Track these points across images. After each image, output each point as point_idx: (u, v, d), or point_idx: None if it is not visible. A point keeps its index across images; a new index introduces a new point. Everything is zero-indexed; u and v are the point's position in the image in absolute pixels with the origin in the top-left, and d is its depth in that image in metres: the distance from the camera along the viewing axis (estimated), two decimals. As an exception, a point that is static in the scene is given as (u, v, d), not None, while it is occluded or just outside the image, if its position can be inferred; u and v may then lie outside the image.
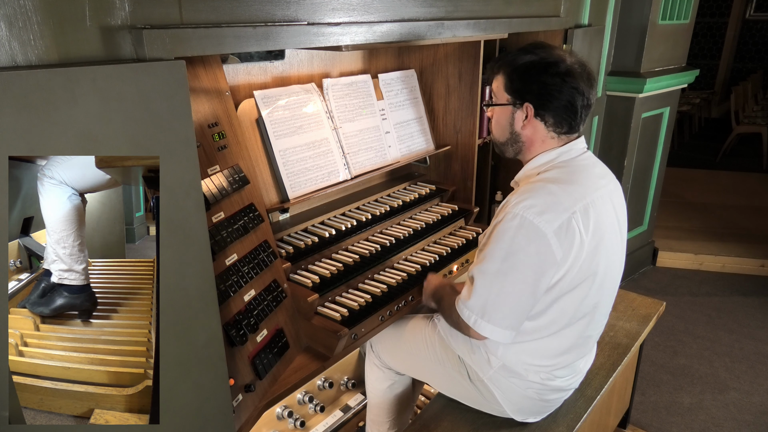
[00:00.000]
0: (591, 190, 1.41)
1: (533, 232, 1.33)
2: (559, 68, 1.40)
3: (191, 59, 1.20)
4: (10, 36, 0.90)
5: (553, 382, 1.58)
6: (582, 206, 1.37)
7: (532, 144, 1.49)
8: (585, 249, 1.38)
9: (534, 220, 1.32)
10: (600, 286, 1.47)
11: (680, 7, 3.43)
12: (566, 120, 1.44)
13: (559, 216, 1.34)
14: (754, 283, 4.01)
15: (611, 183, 1.51)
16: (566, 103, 1.41)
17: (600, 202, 1.42)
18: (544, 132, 1.46)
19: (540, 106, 1.43)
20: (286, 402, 2.04)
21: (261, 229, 1.58)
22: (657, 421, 2.65)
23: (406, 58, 2.43)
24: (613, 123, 3.46)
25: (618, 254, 1.53)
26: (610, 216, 1.46)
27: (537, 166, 1.48)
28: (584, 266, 1.40)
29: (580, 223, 1.36)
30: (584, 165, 1.46)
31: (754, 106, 7.53)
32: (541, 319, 1.47)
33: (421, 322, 1.82)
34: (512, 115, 1.49)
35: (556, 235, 1.33)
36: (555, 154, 1.46)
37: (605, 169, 1.54)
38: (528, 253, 1.34)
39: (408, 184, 2.43)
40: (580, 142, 1.49)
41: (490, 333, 1.42)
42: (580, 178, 1.41)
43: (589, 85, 1.43)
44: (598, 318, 1.54)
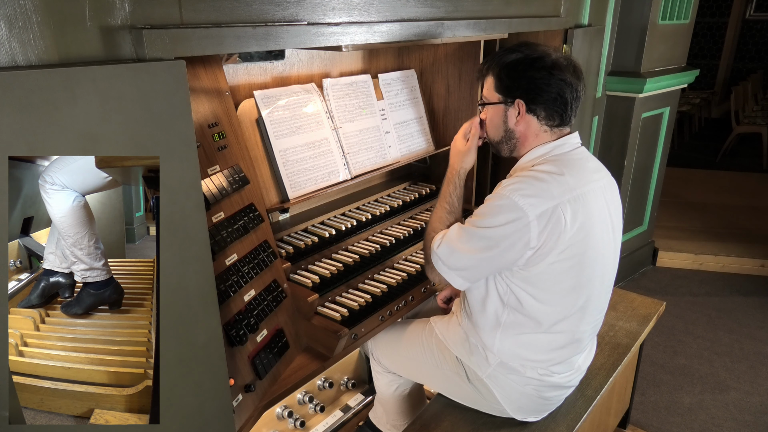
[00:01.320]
0: (583, 182, 1.43)
1: (516, 211, 1.37)
2: (545, 62, 1.45)
3: (191, 59, 1.20)
4: (10, 36, 0.90)
5: (551, 378, 1.58)
6: (571, 197, 1.40)
7: (525, 139, 1.53)
8: (569, 239, 1.40)
9: (519, 201, 1.37)
10: (589, 280, 1.48)
11: (680, 7, 3.43)
12: (557, 112, 1.47)
13: (545, 202, 1.37)
14: (754, 283, 4.01)
15: (605, 178, 1.53)
16: (555, 95, 1.45)
17: (591, 195, 1.44)
18: (537, 126, 1.50)
19: (531, 100, 1.47)
20: (286, 402, 2.04)
21: (261, 229, 1.58)
22: (657, 421, 2.65)
23: (406, 58, 2.43)
24: (613, 123, 3.46)
25: (610, 249, 1.54)
26: (602, 210, 1.48)
27: (531, 159, 1.51)
28: (568, 256, 1.41)
29: (567, 213, 1.38)
30: (578, 159, 1.49)
31: (754, 106, 7.53)
32: (532, 312, 1.49)
33: (418, 326, 1.82)
34: (505, 113, 1.53)
35: (539, 219, 1.36)
36: (549, 148, 1.50)
37: (599, 164, 1.56)
38: (505, 230, 1.39)
39: (408, 184, 2.43)
40: (574, 137, 1.52)
41: (445, 273, 1.52)
42: (572, 170, 1.44)
43: (576, 76, 1.47)
44: (591, 312, 1.55)
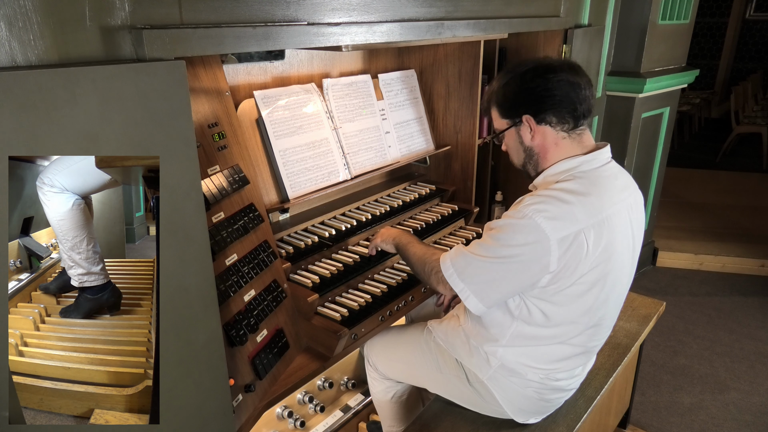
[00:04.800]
0: (608, 204, 1.38)
1: (537, 233, 1.32)
2: (537, 71, 1.42)
3: (191, 59, 1.20)
4: (10, 36, 0.90)
5: (553, 383, 1.58)
6: (596, 221, 1.35)
7: (546, 151, 1.47)
8: (590, 263, 1.36)
9: (541, 223, 1.31)
10: (606, 299, 1.46)
11: (680, 7, 3.43)
12: (567, 112, 1.42)
13: (568, 227, 1.32)
14: (754, 283, 4.01)
15: (632, 196, 1.47)
16: (559, 97, 1.40)
17: (616, 217, 1.39)
18: (554, 134, 1.44)
19: (536, 111, 1.43)
20: (286, 402, 2.04)
21: (261, 229, 1.58)
22: (657, 421, 2.65)
23: (406, 58, 2.43)
24: (613, 123, 3.46)
25: (627, 269, 1.51)
26: (626, 231, 1.44)
27: (557, 173, 1.44)
28: (589, 279, 1.38)
29: (591, 238, 1.34)
30: (605, 176, 1.42)
31: (754, 106, 7.53)
32: (547, 329, 1.47)
33: (415, 331, 1.81)
34: (518, 134, 1.49)
35: (559, 244, 1.31)
36: (577, 162, 1.43)
37: (628, 179, 1.50)
38: (523, 250, 1.34)
39: (408, 184, 2.43)
40: (605, 152, 1.46)
41: (461, 290, 1.43)
42: (599, 190, 1.38)
43: (575, 73, 1.42)
44: (604, 329, 1.55)
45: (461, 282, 1.43)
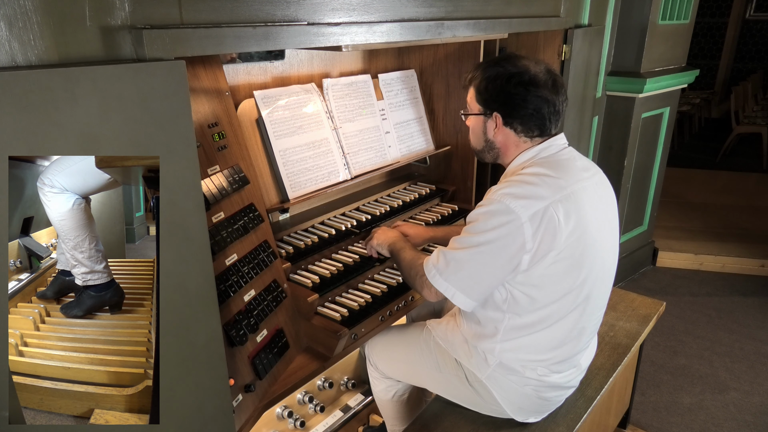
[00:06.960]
0: (573, 181, 1.45)
1: (507, 214, 1.38)
2: (523, 78, 1.47)
3: (191, 59, 1.20)
4: (10, 36, 0.90)
5: (550, 378, 1.58)
6: (562, 196, 1.41)
7: (507, 149, 1.57)
8: (565, 238, 1.40)
9: (510, 203, 1.38)
10: (588, 276, 1.48)
11: (680, 7, 3.43)
12: (536, 126, 1.50)
13: (536, 203, 1.38)
14: (754, 283, 4.01)
15: (596, 175, 1.54)
16: (532, 111, 1.48)
17: (583, 193, 1.45)
18: (515, 138, 1.54)
19: (507, 114, 1.51)
20: (286, 402, 2.04)
21: (261, 229, 1.58)
22: (657, 421, 2.65)
23: (406, 58, 2.43)
24: (613, 123, 3.46)
25: (609, 245, 1.55)
26: (597, 206, 1.49)
27: (520, 164, 1.54)
28: (567, 255, 1.42)
29: (560, 212, 1.39)
30: (565, 159, 1.51)
31: (754, 106, 7.54)
32: (535, 313, 1.49)
33: (415, 330, 1.82)
34: (484, 123, 1.58)
35: (531, 220, 1.37)
36: (535, 151, 1.52)
37: (588, 162, 1.58)
38: (499, 233, 1.39)
39: (408, 184, 2.43)
40: (559, 138, 1.55)
41: (445, 289, 1.47)
42: (560, 170, 1.45)
43: (554, 92, 1.49)
44: (591, 310, 1.55)
45: (444, 281, 1.47)
